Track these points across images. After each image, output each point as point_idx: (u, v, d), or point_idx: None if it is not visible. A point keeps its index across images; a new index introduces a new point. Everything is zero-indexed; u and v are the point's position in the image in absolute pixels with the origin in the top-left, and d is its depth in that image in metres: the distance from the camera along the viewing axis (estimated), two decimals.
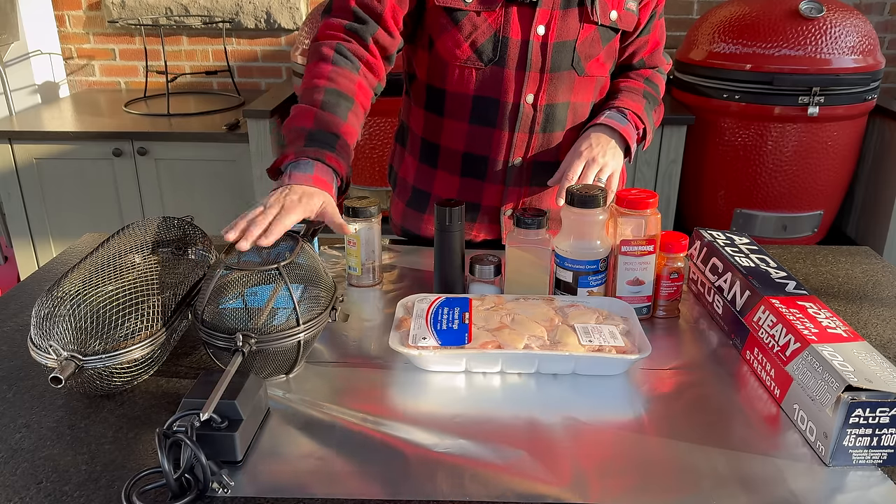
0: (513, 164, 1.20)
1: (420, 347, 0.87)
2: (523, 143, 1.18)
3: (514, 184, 1.21)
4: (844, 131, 2.26)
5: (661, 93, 1.28)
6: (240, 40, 2.87)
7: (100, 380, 0.80)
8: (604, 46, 1.16)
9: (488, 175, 1.21)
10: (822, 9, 2.16)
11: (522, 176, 1.21)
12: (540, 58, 1.12)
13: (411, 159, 1.28)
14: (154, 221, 0.98)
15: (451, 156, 1.21)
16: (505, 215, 1.24)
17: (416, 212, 1.30)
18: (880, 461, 0.73)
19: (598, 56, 1.16)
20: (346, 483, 0.70)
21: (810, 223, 2.39)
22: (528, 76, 1.12)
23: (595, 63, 1.17)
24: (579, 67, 1.15)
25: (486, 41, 1.10)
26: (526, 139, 1.18)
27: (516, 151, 1.18)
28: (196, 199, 2.45)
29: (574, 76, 1.15)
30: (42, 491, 0.69)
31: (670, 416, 0.81)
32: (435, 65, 1.15)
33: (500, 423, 0.79)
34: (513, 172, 1.20)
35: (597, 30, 1.13)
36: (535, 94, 1.14)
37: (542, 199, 1.25)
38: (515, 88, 1.13)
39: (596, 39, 1.14)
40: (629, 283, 0.99)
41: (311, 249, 0.90)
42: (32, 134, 2.37)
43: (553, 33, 1.11)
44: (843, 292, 1.11)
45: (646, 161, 2.33)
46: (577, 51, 1.13)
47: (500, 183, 1.21)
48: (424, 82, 1.19)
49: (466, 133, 1.18)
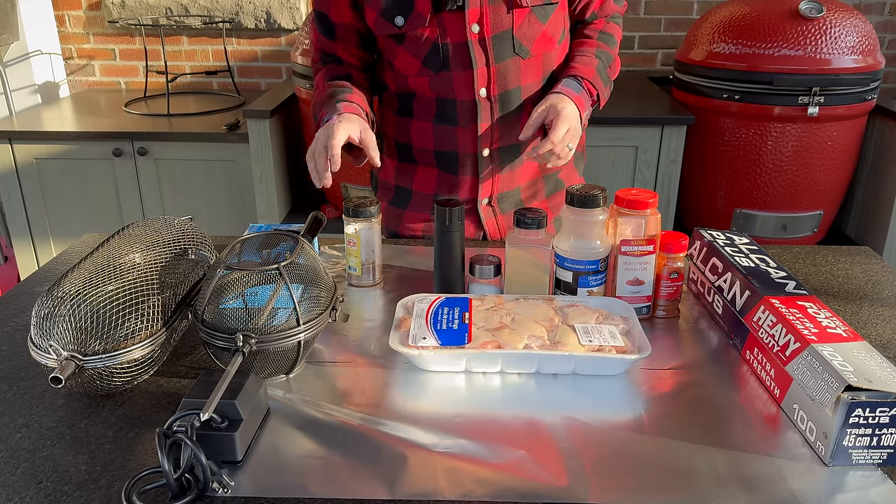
0: (482, 156, 1.25)
1: (420, 347, 0.87)
2: (487, 133, 1.23)
3: (486, 174, 1.27)
4: (844, 131, 2.26)
5: (618, 41, 1.33)
6: (240, 40, 2.88)
7: (100, 380, 0.80)
8: (545, 23, 1.19)
9: (461, 169, 1.27)
10: (821, 9, 2.16)
11: (493, 164, 1.27)
12: (482, 53, 1.17)
13: (390, 161, 1.35)
14: (154, 222, 0.98)
15: (425, 154, 1.28)
16: (482, 204, 1.30)
17: (397, 209, 1.36)
18: (880, 461, 0.73)
19: (541, 34, 1.20)
20: (346, 483, 0.70)
21: (810, 223, 2.39)
22: (476, 73, 1.18)
23: (540, 41, 1.20)
24: (523, 51, 1.19)
25: (429, 52, 1.17)
26: (489, 129, 1.23)
27: (482, 143, 1.24)
28: (196, 199, 2.45)
29: (519, 61, 1.20)
30: (42, 491, 0.69)
31: (670, 416, 0.81)
32: (397, 78, 1.25)
33: (500, 423, 0.79)
34: (483, 163, 1.26)
35: (531, 11, 1.17)
36: (486, 87, 1.20)
37: (513, 180, 1.30)
38: (466, 86, 1.19)
39: (533, 20, 1.18)
40: (629, 283, 1.00)
41: (311, 249, 0.90)
42: (32, 134, 2.37)
43: (488, 28, 1.15)
44: (843, 292, 1.11)
45: (646, 161, 2.33)
46: (516, 37, 1.17)
47: (474, 175, 1.27)
48: (393, 91, 1.28)
49: (433, 132, 1.25)
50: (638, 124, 2.27)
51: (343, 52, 1.26)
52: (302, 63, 2.25)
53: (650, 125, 2.27)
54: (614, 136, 2.29)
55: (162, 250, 0.93)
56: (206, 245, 1.01)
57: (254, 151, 2.30)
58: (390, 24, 1.16)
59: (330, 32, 1.24)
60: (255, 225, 1.21)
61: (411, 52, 1.18)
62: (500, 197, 1.30)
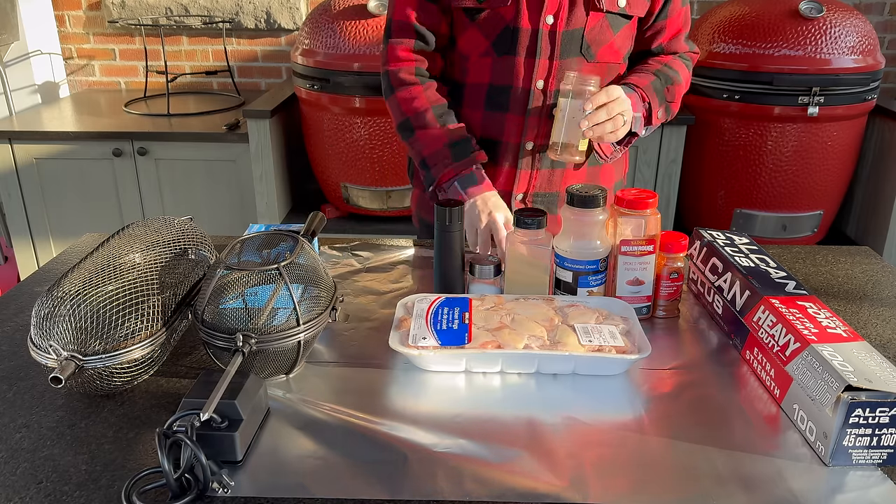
0: (524, 148, 1.24)
1: (420, 347, 0.87)
2: (534, 126, 1.23)
3: (525, 167, 1.26)
4: (844, 131, 2.26)
5: (683, 75, 1.28)
6: (240, 40, 2.87)
7: (100, 380, 0.80)
8: (616, 33, 1.19)
9: (501, 158, 1.26)
10: (821, 9, 2.16)
11: (534, 159, 1.26)
12: (549, 46, 1.17)
13: None
14: (154, 222, 0.98)
15: None
16: (516, 199, 1.28)
17: None
18: (880, 461, 0.73)
19: (609, 42, 1.19)
20: (346, 483, 0.70)
21: (810, 223, 2.39)
22: (538, 63, 1.18)
23: (607, 49, 1.20)
24: (588, 54, 1.19)
25: (500, 34, 1.17)
26: (537, 123, 1.22)
27: (528, 135, 1.23)
28: (196, 199, 2.45)
29: (583, 62, 1.20)
30: (42, 491, 0.69)
31: (670, 416, 0.81)
32: (454, 60, 1.25)
33: (500, 423, 0.79)
34: (524, 155, 1.25)
35: (605, 17, 1.17)
36: (544, 80, 1.20)
37: (552, 182, 1.28)
38: (525, 75, 1.19)
39: (605, 27, 1.18)
40: (629, 283, 1.00)
41: (311, 249, 0.90)
42: (32, 134, 2.37)
43: (561, 22, 1.16)
44: (843, 292, 1.11)
45: (646, 161, 2.33)
46: (586, 38, 1.17)
47: (513, 166, 1.26)
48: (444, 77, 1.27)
49: (482, 119, 1.25)
50: None
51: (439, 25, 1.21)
52: (302, 63, 2.25)
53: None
54: None
55: (162, 250, 0.93)
56: (206, 245, 1.01)
57: (254, 151, 2.30)
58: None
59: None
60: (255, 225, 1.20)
61: (483, 32, 1.18)
62: (535, 196, 1.28)
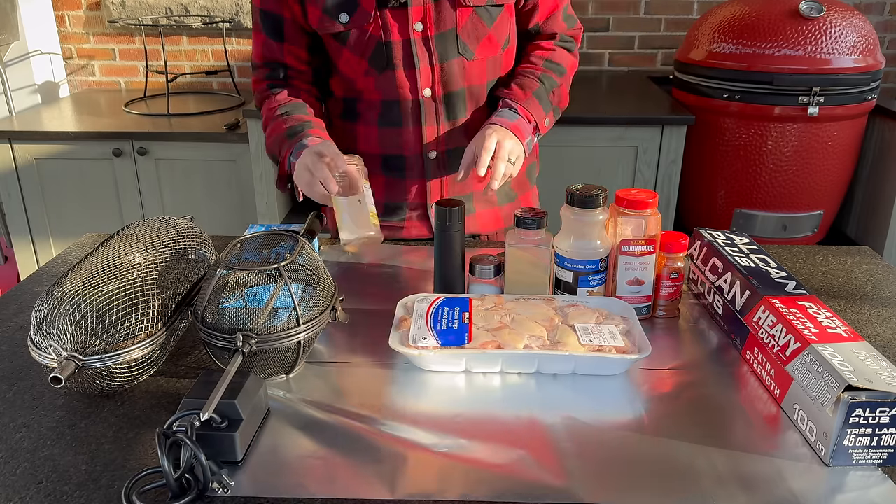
0: (428, 158, 1.25)
1: (420, 347, 0.87)
2: (433, 135, 1.23)
3: (433, 176, 1.27)
4: (844, 131, 2.26)
5: (566, 65, 1.30)
6: (240, 40, 2.87)
7: (100, 380, 0.80)
8: (490, 25, 1.19)
9: (408, 172, 1.26)
10: (822, 9, 2.16)
11: (440, 167, 1.26)
12: (426, 52, 1.17)
13: None
14: (154, 221, 0.98)
15: (371, 159, 1.25)
16: (431, 208, 1.28)
17: None
18: (880, 461, 0.73)
19: (487, 36, 1.19)
20: (346, 483, 0.70)
21: (810, 223, 2.38)
22: (419, 72, 1.18)
23: (486, 43, 1.20)
24: (467, 52, 1.19)
25: (374, 51, 1.17)
26: (434, 131, 1.23)
27: (429, 145, 1.24)
28: (196, 199, 2.45)
29: (464, 62, 1.20)
30: (42, 491, 0.69)
31: (670, 416, 0.81)
32: (343, 81, 1.23)
33: (500, 422, 0.79)
34: (430, 166, 1.26)
35: (474, 12, 1.17)
36: (431, 88, 1.20)
37: (465, 186, 1.29)
38: (411, 86, 1.19)
39: (477, 21, 1.17)
40: (629, 283, 0.99)
41: (311, 249, 0.90)
42: (32, 134, 2.37)
43: (431, 27, 1.16)
44: (843, 292, 1.11)
45: (646, 161, 2.33)
46: (461, 37, 1.17)
47: (421, 178, 1.26)
48: (340, 97, 1.27)
49: (378, 136, 1.25)
50: (638, 124, 2.27)
51: (291, 58, 1.22)
52: None
53: (650, 125, 2.27)
54: (615, 136, 2.29)
55: (162, 250, 0.93)
56: (206, 245, 1.01)
57: (254, 151, 2.30)
58: (335, 21, 1.14)
59: (278, 33, 1.20)
60: (255, 225, 1.20)
61: (356, 53, 1.17)
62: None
